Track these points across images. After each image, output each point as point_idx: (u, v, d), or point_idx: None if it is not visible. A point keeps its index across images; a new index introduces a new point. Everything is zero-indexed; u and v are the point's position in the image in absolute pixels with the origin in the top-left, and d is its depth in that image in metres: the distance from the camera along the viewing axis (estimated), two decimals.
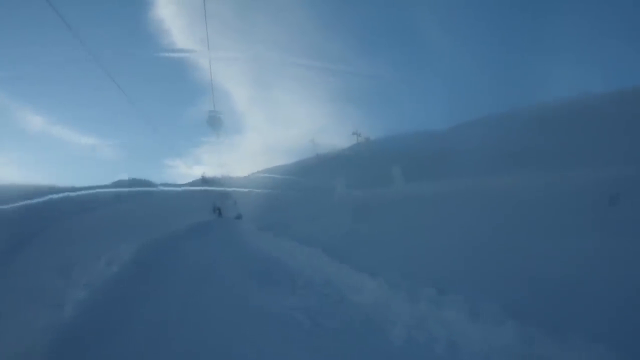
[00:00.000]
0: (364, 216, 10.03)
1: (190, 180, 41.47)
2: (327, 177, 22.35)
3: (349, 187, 18.51)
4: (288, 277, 5.39)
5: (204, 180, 23.53)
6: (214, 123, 13.91)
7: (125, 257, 7.06)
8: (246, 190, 25.34)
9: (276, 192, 24.03)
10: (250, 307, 4.28)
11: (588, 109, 22.03)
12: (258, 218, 14.58)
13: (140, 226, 15.59)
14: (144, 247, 7.58)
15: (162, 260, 6.79)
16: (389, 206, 12.80)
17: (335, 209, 12.85)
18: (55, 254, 10.80)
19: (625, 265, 3.85)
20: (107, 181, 39.68)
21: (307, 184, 23.38)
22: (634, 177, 6.87)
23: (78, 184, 39.79)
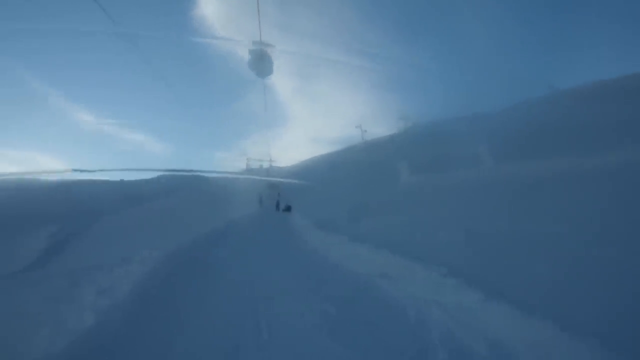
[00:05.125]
0: (463, 208, 7.11)
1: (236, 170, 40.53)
2: (379, 164, 19.45)
3: (412, 172, 15.53)
4: (403, 330, 2.75)
5: (249, 170, 21.65)
6: (259, 61, 9.38)
7: (128, 283, 4.86)
8: (294, 179, 23.18)
9: (327, 180, 21.59)
10: None
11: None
12: (311, 210, 12.14)
13: (179, 224, 13.93)
14: (160, 266, 5.26)
15: (176, 290, 4.38)
16: (485, 193, 9.70)
17: (411, 198, 9.99)
18: (66, 267, 9.19)
19: None
20: (154, 174, 39.84)
21: (358, 171, 20.65)
22: None
23: (127, 178, 40.20)
